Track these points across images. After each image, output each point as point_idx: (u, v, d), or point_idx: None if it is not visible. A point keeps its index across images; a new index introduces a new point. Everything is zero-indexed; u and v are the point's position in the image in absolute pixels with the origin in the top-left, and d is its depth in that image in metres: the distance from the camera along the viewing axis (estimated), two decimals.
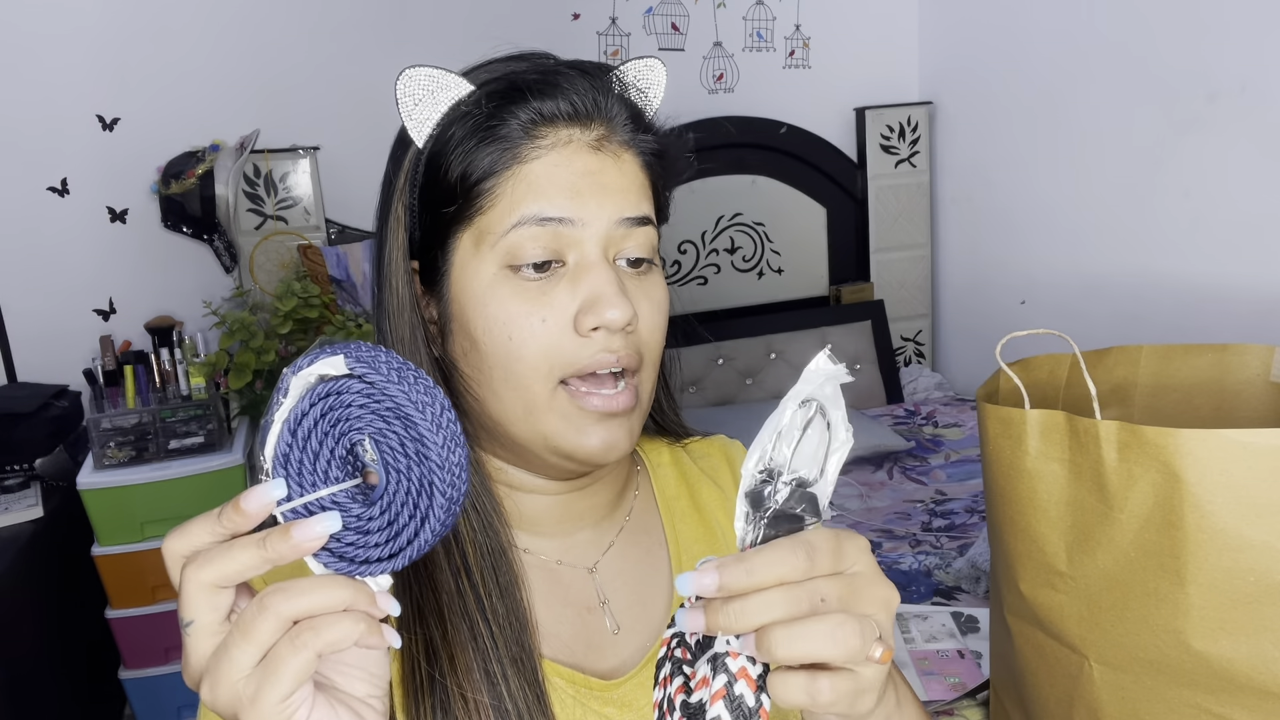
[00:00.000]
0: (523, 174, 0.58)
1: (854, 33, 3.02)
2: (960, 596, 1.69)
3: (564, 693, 0.62)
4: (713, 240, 2.93)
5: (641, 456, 0.76)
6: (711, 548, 0.72)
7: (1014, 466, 0.87)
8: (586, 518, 0.68)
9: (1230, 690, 0.76)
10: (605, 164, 0.60)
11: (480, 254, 0.59)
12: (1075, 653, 0.85)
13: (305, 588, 0.41)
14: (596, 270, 0.58)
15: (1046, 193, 2.62)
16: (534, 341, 0.58)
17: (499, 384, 0.59)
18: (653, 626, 0.67)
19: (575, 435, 0.59)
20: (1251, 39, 1.99)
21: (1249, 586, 0.73)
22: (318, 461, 0.44)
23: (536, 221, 0.58)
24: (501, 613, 0.59)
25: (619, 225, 0.59)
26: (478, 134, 0.59)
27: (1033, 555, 0.87)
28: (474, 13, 2.63)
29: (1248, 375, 1.02)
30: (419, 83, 0.60)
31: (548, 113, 0.59)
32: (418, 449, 0.43)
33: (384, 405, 0.44)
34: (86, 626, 2.12)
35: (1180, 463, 0.73)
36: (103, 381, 2.20)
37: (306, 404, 0.44)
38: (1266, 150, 2.00)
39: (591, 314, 0.57)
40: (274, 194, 2.46)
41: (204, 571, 0.41)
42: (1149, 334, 2.19)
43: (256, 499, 0.42)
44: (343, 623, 0.41)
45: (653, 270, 0.63)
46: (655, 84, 0.65)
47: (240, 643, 0.40)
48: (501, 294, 0.58)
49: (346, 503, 0.44)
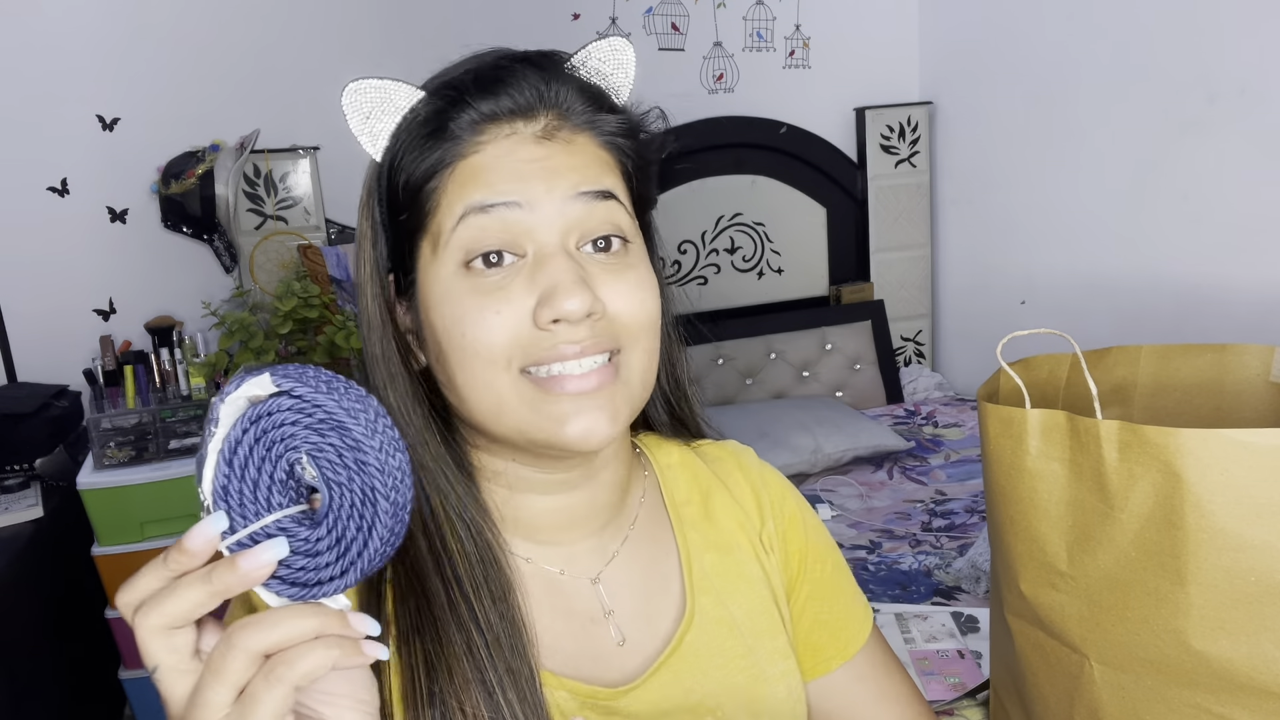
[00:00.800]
0: (464, 168, 0.56)
1: (854, 33, 3.02)
2: (960, 596, 1.69)
3: (568, 705, 0.60)
4: (713, 240, 2.93)
5: (649, 459, 0.72)
6: (724, 558, 0.69)
7: (1014, 466, 0.87)
8: (588, 524, 0.66)
9: (1230, 690, 0.76)
10: (554, 149, 0.57)
11: (438, 257, 0.57)
12: (1076, 652, 0.85)
13: (272, 620, 0.40)
14: (553, 260, 0.55)
15: (1046, 193, 2.62)
16: (488, 335, 0.55)
17: (465, 384, 0.57)
18: (660, 639, 0.65)
19: (550, 425, 0.56)
20: (1251, 40, 1.99)
21: (1249, 586, 0.73)
22: (258, 489, 0.43)
23: (480, 210, 0.55)
24: (495, 623, 0.57)
25: (574, 202, 0.56)
26: (421, 138, 0.58)
27: (1033, 555, 0.87)
28: (474, 12, 2.63)
29: (1248, 375, 1.02)
30: (366, 95, 0.59)
31: (487, 111, 0.57)
32: (356, 457, 0.42)
33: (316, 418, 0.43)
34: (86, 626, 2.12)
35: (1181, 462, 0.73)
36: (103, 381, 2.21)
37: (239, 431, 0.43)
38: (1266, 151, 2.00)
39: (548, 306, 0.54)
40: (274, 194, 2.46)
41: (152, 616, 0.40)
42: (1149, 334, 2.19)
43: (199, 536, 0.41)
44: (315, 651, 0.40)
45: (627, 249, 0.59)
46: (623, 64, 0.63)
47: (213, 683, 0.40)
48: (457, 292, 0.56)
49: (292, 527, 0.43)
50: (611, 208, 0.58)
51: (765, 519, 0.73)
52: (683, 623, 0.66)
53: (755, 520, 0.72)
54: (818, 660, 0.72)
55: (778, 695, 0.67)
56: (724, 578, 0.69)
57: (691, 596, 0.67)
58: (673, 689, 0.63)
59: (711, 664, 0.65)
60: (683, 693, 0.63)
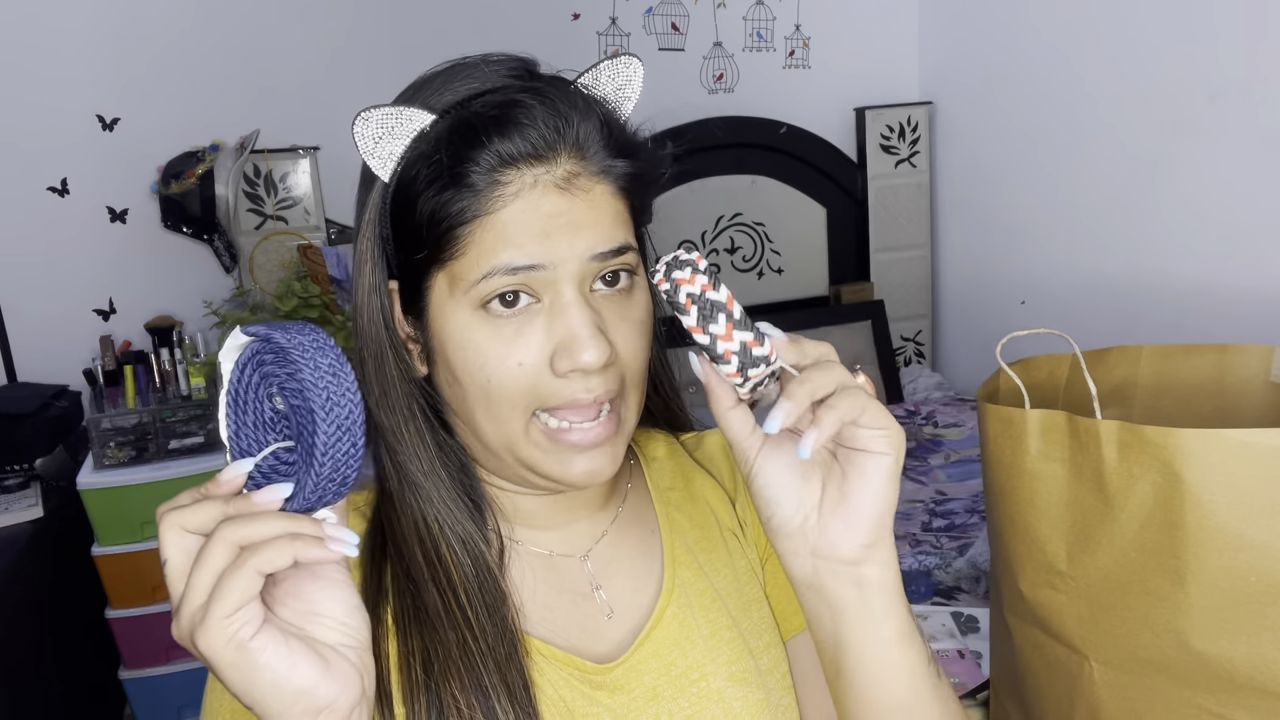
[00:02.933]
0: (490, 224, 0.58)
1: (854, 33, 3.02)
2: (960, 596, 1.69)
3: (557, 676, 0.63)
4: (713, 240, 2.93)
5: (636, 450, 0.76)
6: (706, 535, 0.73)
7: (1014, 466, 0.87)
8: (580, 510, 0.70)
9: (1230, 690, 0.76)
10: (574, 203, 0.58)
11: (455, 297, 0.59)
12: (1075, 652, 0.85)
13: (253, 519, 0.47)
14: (571, 311, 0.58)
15: (1046, 193, 2.62)
16: (511, 383, 0.59)
17: (480, 416, 0.61)
18: (644, 611, 0.68)
19: (556, 466, 0.61)
20: (1251, 40, 1.99)
21: (1249, 586, 0.73)
22: (257, 431, 0.50)
23: (507, 271, 0.57)
24: (489, 631, 0.61)
25: (592, 261, 0.59)
26: (442, 179, 0.58)
27: (1033, 555, 0.87)
28: (474, 12, 2.63)
29: (1248, 375, 1.02)
30: (376, 122, 0.60)
31: (507, 154, 0.57)
32: (294, 372, 0.48)
33: (270, 351, 0.49)
34: (86, 626, 2.12)
35: (1180, 462, 0.73)
36: (103, 381, 2.21)
37: (234, 379, 0.51)
38: (1266, 151, 1.99)
39: (566, 357, 0.58)
40: (274, 194, 2.46)
41: (173, 517, 0.47)
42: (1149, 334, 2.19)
43: (229, 474, 0.49)
44: (280, 543, 0.46)
45: (633, 285, 0.62)
46: (631, 84, 0.64)
47: (199, 570, 0.46)
48: (478, 338, 0.59)
49: (286, 456, 0.50)
50: (625, 257, 0.61)
51: (740, 491, 0.76)
52: (662, 596, 0.69)
53: (732, 496, 0.76)
54: (783, 624, 0.74)
55: (763, 665, 0.69)
56: (707, 553, 0.72)
57: (672, 571, 0.70)
58: (656, 661, 0.66)
59: (697, 635, 0.68)
60: (666, 664, 0.66)
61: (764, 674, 0.68)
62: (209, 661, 0.46)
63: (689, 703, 0.65)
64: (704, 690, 0.66)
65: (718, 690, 0.66)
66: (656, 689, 0.65)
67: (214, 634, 0.45)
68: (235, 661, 0.45)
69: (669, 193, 2.93)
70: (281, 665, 0.46)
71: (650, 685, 0.65)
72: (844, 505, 0.55)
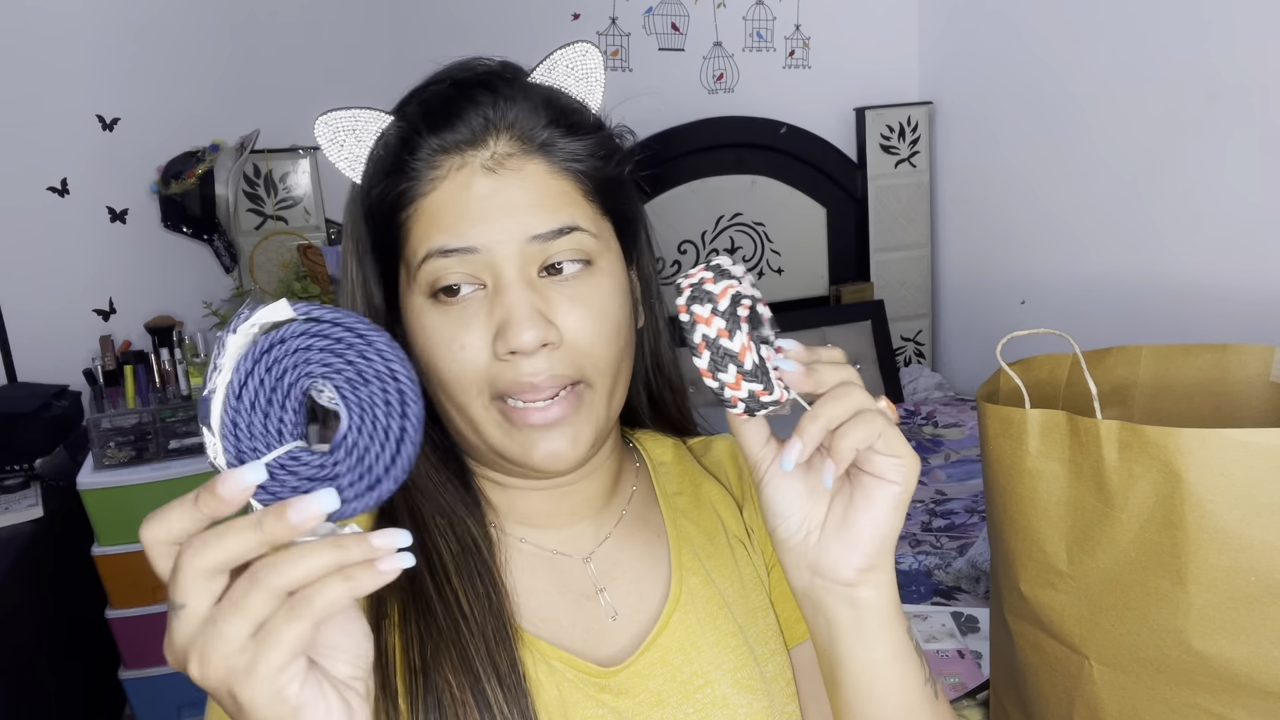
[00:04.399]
0: (424, 207, 0.59)
1: (854, 33, 3.02)
2: (960, 596, 1.69)
3: (563, 676, 0.63)
4: (713, 240, 2.93)
5: (643, 454, 0.76)
6: (712, 541, 0.72)
7: (1014, 466, 0.87)
8: (580, 510, 0.69)
9: (1230, 690, 0.76)
10: (504, 183, 0.59)
11: (410, 283, 0.61)
12: (1075, 653, 0.85)
13: (295, 558, 0.41)
14: (509, 292, 0.58)
15: (1046, 192, 2.63)
16: (456, 367, 0.59)
17: (445, 403, 0.62)
18: (649, 615, 0.68)
19: (517, 448, 0.60)
20: (1251, 39, 1.99)
21: (1249, 586, 0.73)
22: (268, 422, 0.43)
23: (441, 254, 0.58)
24: (480, 616, 0.61)
25: (531, 243, 0.58)
26: (384, 171, 0.61)
27: (1033, 555, 0.87)
28: (474, 12, 2.63)
29: (1248, 375, 1.02)
30: (338, 124, 0.62)
31: (437, 145, 0.59)
32: (384, 367, 0.43)
33: (333, 337, 0.43)
34: (86, 626, 2.12)
35: (1180, 462, 0.73)
36: (103, 381, 2.20)
37: (249, 364, 0.43)
38: (1266, 150, 1.99)
39: (502, 339, 0.58)
40: (274, 194, 2.46)
41: (201, 557, 0.41)
42: (1149, 334, 2.19)
43: (235, 485, 0.42)
44: (333, 585, 0.41)
45: (592, 270, 0.61)
46: (590, 71, 0.64)
47: (232, 618, 0.40)
48: (427, 323, 0.60)
49: (306, 456, 0.43)
50: (572, 239, 0.59)
51: (747, 499, 0.76)
52: (669, 602, 0.68)
53: (740, 502, 0.76)
54: (788, 632, 0.74)
55: (768, 673, 0.69)
56: (713, 559, 0.72)
57: (679, 577, 0.70)
58: (662, 667, 0.66)
59: (703, 641, 0.68)
60: (672, 670, 0.66)
61: (769, 681, 0.68)
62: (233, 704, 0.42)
63: (694, 708, 0.65)
64: (709, 696, 0.66)
65: (723, 697, 0.66)
66: (662, 694, 0.65)
67: (261, 688, 0.41)
68: (278, 715, 0.42)
69: (669, 192, 2.93)
70: (319, 716, 0.43)
71: (655, 690, 0.65)
72: (846, 528, 0.55)
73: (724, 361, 0.52)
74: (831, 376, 0.53)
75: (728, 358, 0.52)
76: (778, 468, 0.56)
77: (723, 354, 0.52)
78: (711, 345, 0.52)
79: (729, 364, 0.52)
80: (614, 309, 0.62)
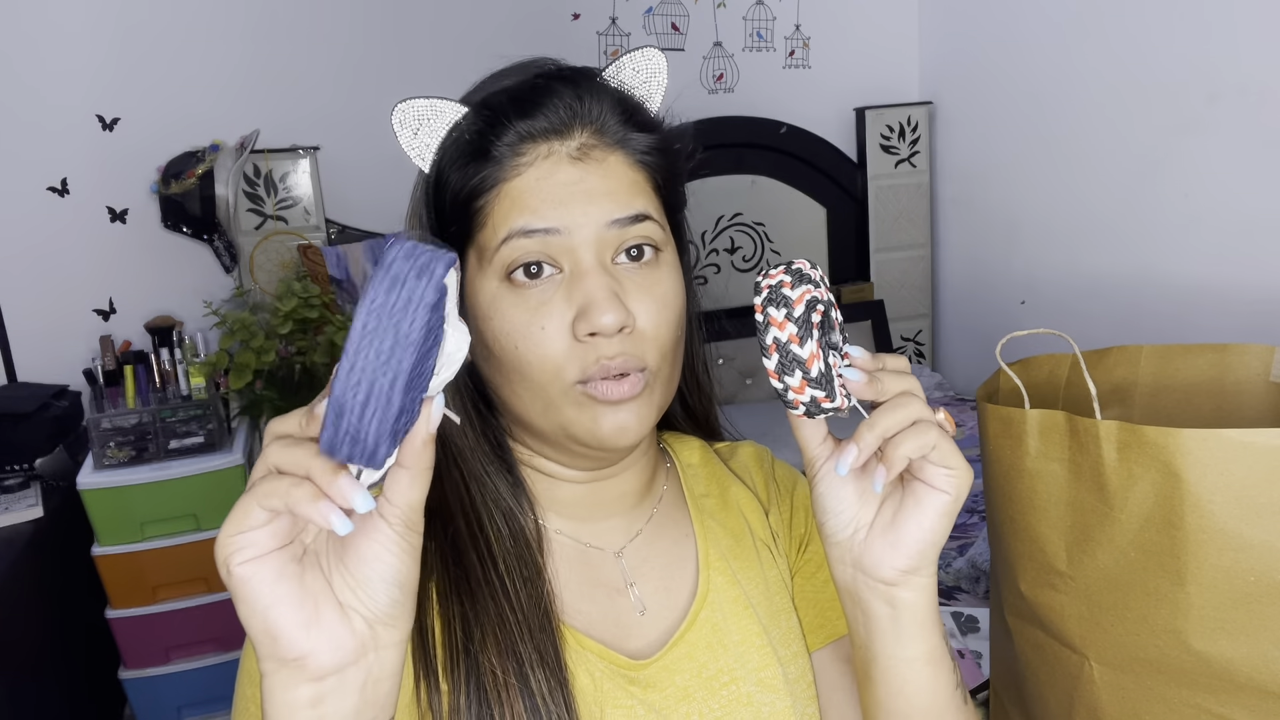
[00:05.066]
0: (507, 191, 0.61)
1: (854, 33, 3.02)
2: (960, 596, 1.69)
3: (593, 666, 0.64)
4: (713, 240, 2.93)
5: (672, 455, 0.78)
6: (739, 543, 0.74)
7: (1014, 466, 0.87)
8: (615, 505, 0.71)
9: (1230, 690, 0.76)
10: (588, 171, 0.61)
11: (483, 269, 0.62)
12: (1075, 653, 0.85)
13: (296, 450, 0.44)
14: (589, 277, 0.60)
15: (1046, 193, 2.62)
16: (538, 349, 0.60)
17: (518, 385, 0.63)
18: (678, 612, 0.70)
19: (589, 423, 0.62)
20: (1251, 40, 1.99)
21: (1249, 586, 0.73)
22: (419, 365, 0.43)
23: (523, 234, 0.60)
24: (525, 603, 0.63)
25: (609, 228, 0.61)
26: (465, 156, 0.62)
27: (1033, 555, 0.87)
28: (475, 12, 2.63)
29: (1248, 375, 1.02)
30: (414, 113, 0.64)
31: (525, 131, 0.61)
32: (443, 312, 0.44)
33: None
34: (86, 626, 2.12)
35: (1180, 462, 0.73)
36: (103, 381, 2.20)
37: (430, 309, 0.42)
38: (1266, 151, 1.99)
39: (584, 320, 0.59)
40: (274, 194, 2.46)
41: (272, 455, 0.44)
42: (1149, 334, 2.19)
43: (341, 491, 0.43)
44: (284, 486, 0.43)
45: (658, 261, 0.64)
46: (655, 73, 0.67)
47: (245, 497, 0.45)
48: (503, 307, 0.61)
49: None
50: (644, 226, 0.62)
51: (773, 504, 0.78)
52: (696, 600, 0.70)
53: (766, 507, 0.78)
54: (810, 636, 0.75)
55: (790, 674, 0.70)
56: (740, 560, 0.73)
57: (706, 576, 0.71)
58: (689, 663, 0.67)
59: (728, 640, 0.69)
60: (698, 666, 0.67)
61: (791, 683, 0.70)
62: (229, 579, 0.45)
63: (719, 704, 0.67)
64: (734, 694, 0.67)
65: (747, 694, 0.67)
66: (688, 689, 0.66)
67: (217, 550, 0.44)
68: (229, 585, 0.45)
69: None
70: (260, 602, 0.44)
71: (682, 685, 0.66)
72: (893, 530, 0.56)
73: (791, 366, 0.53)
74: (894, 385, 0.55)
75: (795, 363, 0.53)
76: (831, 467, 0.57)
77: (791, 359, 0.53)
78: (781, 349, 0.53)
79: (796, 369, 0.53)
80: (676, 299, 0.64)
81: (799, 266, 0.56)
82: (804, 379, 0.53)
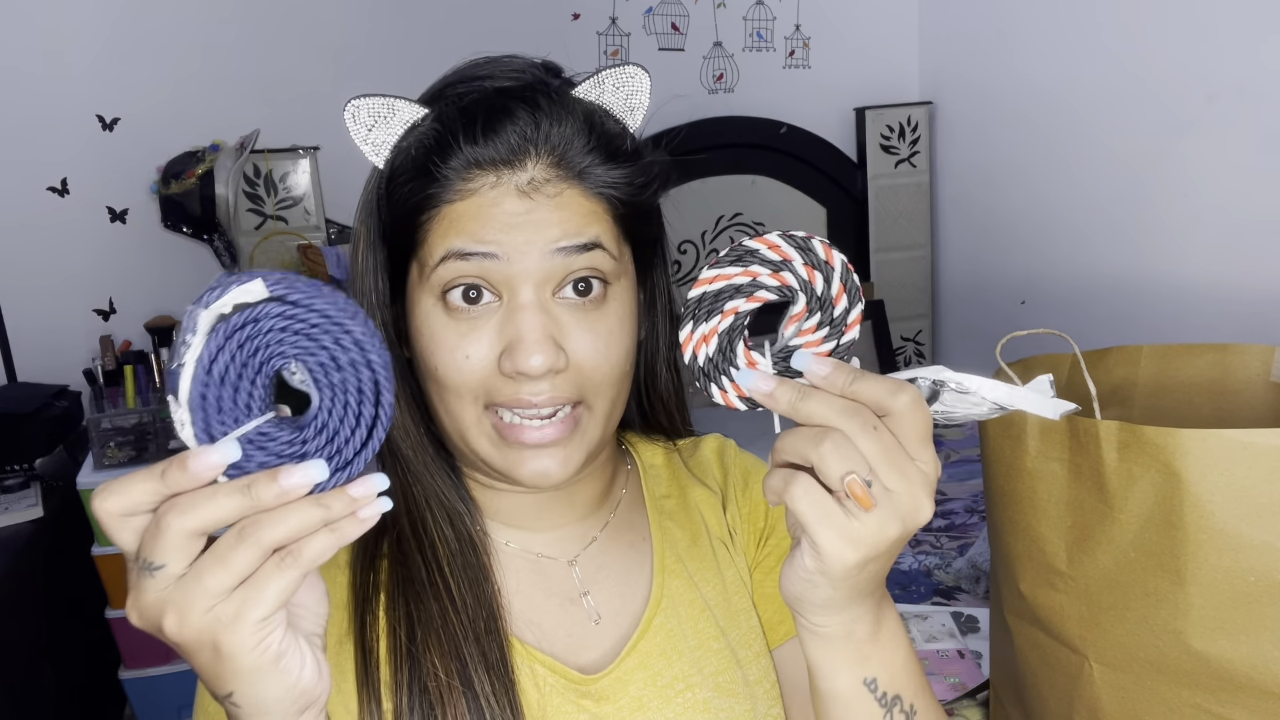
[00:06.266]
0: (448, 213, 0.59)
1: (854, 33, 3.02)
2: (960, 596, 1.69)
3: (544, 681, 0.63)
4: (713, 240, 2.93)
5: (634, 456, 0.76)
6: (697, 544, 0.73)
7: (1014, 466, 0.87)
8: (567, 514, 0.69)
9: (1230, 690, 0.76)
10: (537, 204, 0.58)
11: (421, 284, 0.61)
12: (1075, 653, 0.85)
13: (282, 517, 0.42)
14: (523, 313, 0.58)
15: (1046, 193, 2.62)
16: (457, 375, 0.59)
17: (437, 403, 0.62)
18: (632, 619, 0.68)
19: (505, 463, 0.60)
20: (1250, 41, 1.99)
21: (1249, 586, 0.73)
22: (238, 396, 0.43)
23: (459, 256, 0.58)
24: (471, 605, 0.61)
25: (554, 255, 0.58)
26: (412, 170, 0.60)
27: (1033, 555, 0.87)
28: (474, 12, 2.63)
29: (1248, 375, 1.02)
30: (368, 111, 0.61)
31: (473, 158, 0.58)
32: (360, 356, 0.44)
33: (309, 322, 0.44)
34: (86, 626, 2.12)
35: (1180, 463, 0.73)
36: (103, 381, 2.20)
37: (220, 339, 0.43)
38: (1265, 151, 1.99)
39: (510, 358, 0.57)
40: (274, 194, 2.46)
41: (187, 520, 0.41)
42: (1149, 334, 2.19)
43: (205, 464, 0.42)
44: (320, 538, 0.42)
45: (606, 296, 0.60)
46: (637, 95, 0.63)
47: (217, 571, 0.41)
48: (434, 326, 0.60)
49: (273, 431, 0.44)
50: (593, 256, 0.59)
51: (731, 497, 0.76)
52: (650, 605, 0.68)
53: (724, 501, 0.76)
54: (770, 632, 0.74)
55: (751, 675, 0.69)
56: (698, 562, 0.72)
57: (661, 580, 0.69)
58: (642, 671, 0.66)
59: (684, 645, 0.67)
60: (652, 675, 0.66)
61: (751, 685, 0.68)
62: (213, 655, 0.43)
63: (675, 713, 0.65)
64: (690, 701, 0.66)
65: (704, 700, 0.66)
66: (643, 699, 0.65)
67: (246, 636, 0.42)
68: (255, 665, 0.43)
69: (669, 192, 2.92)
70: (295, 668, 0.45)
71: (636, 695, 0.65)
72: (788, 562, 0.52)
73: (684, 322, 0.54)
74: (819, 413, 0.48)
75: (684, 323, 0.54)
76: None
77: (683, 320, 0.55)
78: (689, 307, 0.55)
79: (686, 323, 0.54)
80: (622, 335, 0.62)
81: (757, 247, 0.55)
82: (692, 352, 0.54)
